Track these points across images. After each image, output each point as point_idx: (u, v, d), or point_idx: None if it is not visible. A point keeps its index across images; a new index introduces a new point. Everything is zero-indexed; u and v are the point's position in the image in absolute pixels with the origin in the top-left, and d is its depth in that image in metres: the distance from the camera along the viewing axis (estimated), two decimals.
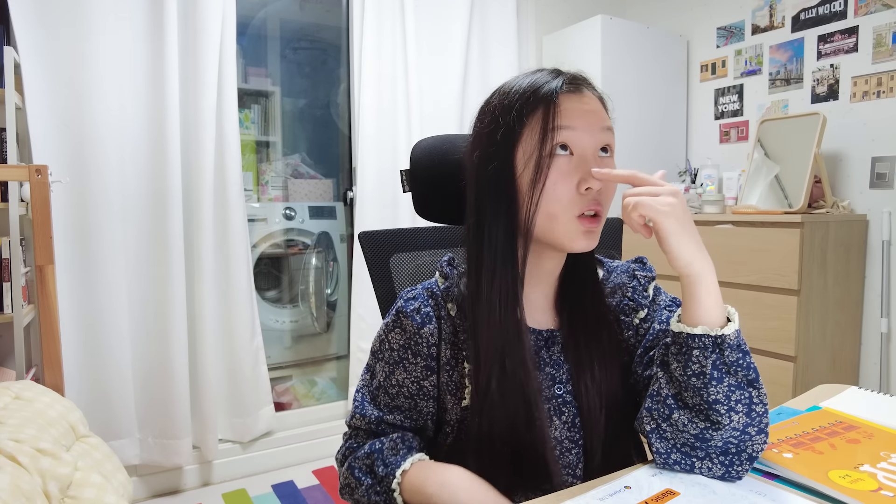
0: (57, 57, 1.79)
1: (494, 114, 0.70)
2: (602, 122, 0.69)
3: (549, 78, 0.69)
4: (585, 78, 0.73)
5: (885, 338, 2.10)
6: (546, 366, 0.74)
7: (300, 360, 3.08)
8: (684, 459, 0.65)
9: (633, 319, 0.77)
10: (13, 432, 1.11)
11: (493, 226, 0.69)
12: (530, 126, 0.67)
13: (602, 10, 2.82)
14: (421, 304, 0.74)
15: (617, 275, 0.81)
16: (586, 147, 0.67)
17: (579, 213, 0.67)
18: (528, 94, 0.68)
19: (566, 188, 0.66)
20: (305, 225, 3.04)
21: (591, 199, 0.67)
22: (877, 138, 2.11)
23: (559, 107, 0.66)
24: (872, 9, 2.09)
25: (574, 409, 0.73)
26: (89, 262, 1.87)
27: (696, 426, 0.63)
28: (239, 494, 2.08)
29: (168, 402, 2.00)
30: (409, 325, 0.73)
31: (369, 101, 2.34)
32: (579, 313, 0.75)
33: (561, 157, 0.66)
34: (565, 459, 0.72)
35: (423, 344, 0.73)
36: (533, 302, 0.75)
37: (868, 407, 0.82)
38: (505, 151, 0.68)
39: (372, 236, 0.98)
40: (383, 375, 0.75)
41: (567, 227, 0.67)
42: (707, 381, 0.61)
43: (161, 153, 1.94)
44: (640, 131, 2.61)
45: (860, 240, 2.13)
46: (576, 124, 0.67)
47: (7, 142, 1.70)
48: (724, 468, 0.63)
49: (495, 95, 0.72)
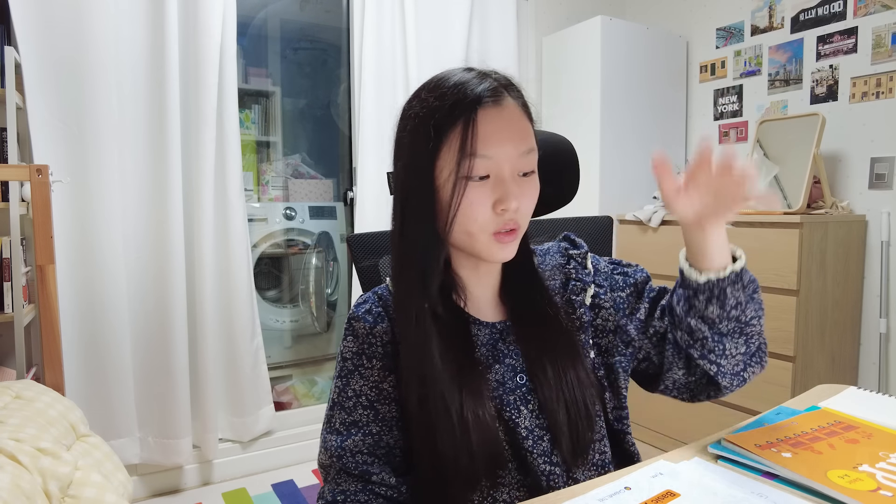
0: (57, 57, 1.79)
1: (415, 121, 0.69)
2: (521, 146, 0.68)
3: (472, 85, 0.67)
4: (510, 82, 0.72)
5: (884, 338, 2.11)
6: (505, 357, 0.75)
7: (300, 359, 3.08)
8: (741, 375, 0.76)
9: (584, 298, 0.80)
10: (13, 431, 1.12)
11: (412, 233, 0.70)
12: (448, 142, 0.66)
13: (601, 10, 2.82)
14: (371, 306, 0.74)
15: (550, 256, 0.83)
16: (503, 170, 0.67)
17: (495, 231, 0.68)
18: (447, 106, 0.66)
19: (482, 209, 0.67)
20: (305, 225, 3.04)
21: (508, 218, 0.68)
22: (876, 139, 2.11)
23: (477, 128, 0.65)
24: (872, 9, 2.10)
25: (536, 396, 0.74)
26: (89, 263, 1.87)
27: (739, 346, 0.73)
28: (239, 494, 2.09)
29: (168, 402, 2.00)
30: (361, 327, 0.73)
31: (369, 101, 2.34)
32: (523, 303, 0.77)
33: (477, 181, 0.67)
34: (539, 447, 0.72)
35: (378, 343, 0.72)
36: (479, 298, 0.77)
37: (867, 407, 0.82)
38: (425, 162, 0.68)
39: (361, 239, 0.97)
40: (337, 392, 0.73)
41: (484, 243, 0.69)
42: (744, 308, 0.71)
43: (161, 153, 1.94)
44: (639, 132, 2.61)
45: (859, 240, 2.13)
46: (492, 153, 0.66)
47: (7, 142, 1.71)
48: (760, 365, 0.76)
49: (415, 101, 0.71)
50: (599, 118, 2.47)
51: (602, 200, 2.51)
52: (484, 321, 0.76)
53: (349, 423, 0.72)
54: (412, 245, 0.71)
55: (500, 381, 0.73)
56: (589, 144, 2.50)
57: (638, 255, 2.40)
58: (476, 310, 0.76)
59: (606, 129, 2.50)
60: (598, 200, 2.50)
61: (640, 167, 2.63)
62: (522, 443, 0.71)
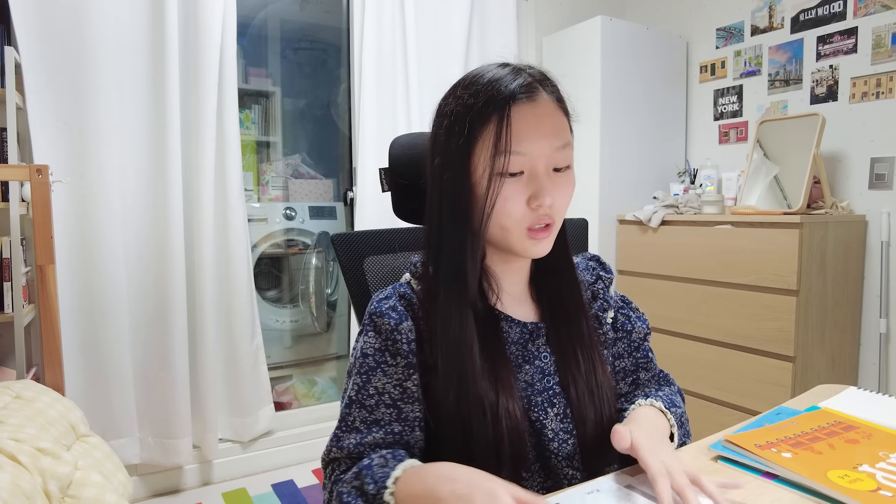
0: (57, 57, 1.79)
1: (451, 118, 0.69)
2: (555, 141, 0.68)
3: (506, 81, 0.68)
4: (545, 77, 0.72)
5: (884, 338, 2.11)
6: (534, 359, 0.75)
7: (300, 359, 3.08)
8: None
9: (606, 317, 0.83)
10: (13, 432, 1.12)
11: (450, 230, 0.70)
12: (484, 137, 0.67)
13: (602, 10, 2.83)
14: (395, 303, 0.72)
15: (580, 271, 0.84)
16: (537, 166, 0.67)
17: (529, 227, 0.68)
18: (481, 103, 0.67)
19: (516, 204, 0.67)
20: (305, 225, 3.04)
21: (543, 213, 0.68)
22: (876, 139, 2.11)
23: (511, 123, 0.66)
24: (872, 10, 2.10)
25: (564, 399, 0.74)
26: (89, 263, 1.87)
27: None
28: (239, 494, 2.09)
29: (168, 402, 2.00)
30: (385, 323, 0.70)
31: (369, 101, 2.34)
32: (557, 304, 0.77)
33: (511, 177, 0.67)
34: (564, 451, 0.72)
35: (403, 341, 0.70)
36: (511, 296, 0.76)
37: (867, 407, 0.82)
38: (461, 158, 0.68)
39: (346, 238, 0.96)
40: (356, 389, 0.70)
41: (518, 238, 0.69)
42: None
43: (161, 153, 1.94)
44: (639, 132, 2.61)
45: (859, 240, 2.13)
46: (525, 149, 0.66)
47: (7, 142, 1.71)
48: None
49: (451, 98, 0.71)
50: (599, 118, 2.47)
51: (602, 200, 2.51)
52: (515, 319, 0.75)
53: (370, 422, 0.69)
54: (452, 242, 0.70)
55: (528, 382, 0.73)
56: (589, 144, 2.50)
57: (638, 255, 2.40)
58: (506, 306, 0.76)
59: (606, 129, 2.50)
60: (598, 200, 2.50)
61: (640, 167, 2.63)
62: (548, 444, 0.72)
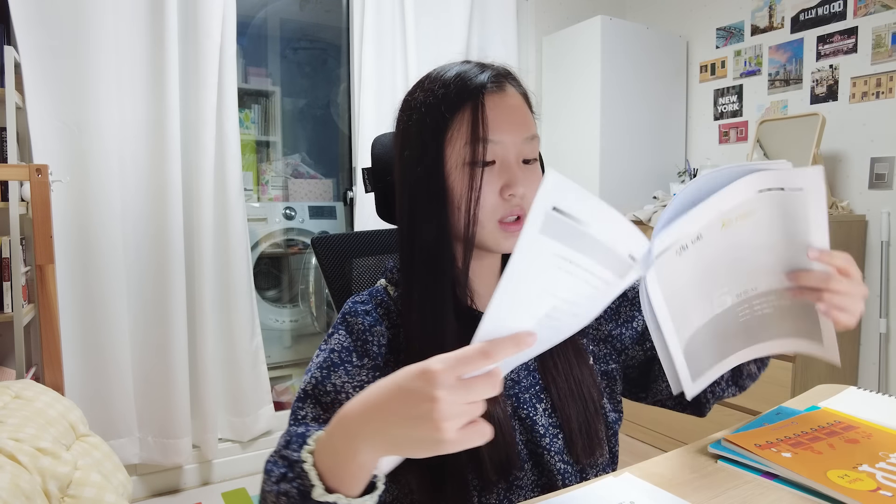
0: (57, 57, 1.79)
1: (420, 110, 0.68)
2: (525, 132, 0.68)
3: (474, 73, 0.68)
4: (510, 72, 0.72)
5: (884, 338, 2.10)
6: None
7: (300, 359, 3.08)
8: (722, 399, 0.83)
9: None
10: (13, 431, 1.12)
11: (424, 227, 0.68)
12: (457, 126, 0.66)
13: (602, 10, 2.82)
14: (370, 307, 0.71)
15: None
16: (509, 156, 0.67)
17: (500, 219, 0.67)
18: (453, 93, 0.66)
19: (489, 194, 0.66)
20: (305, 225, 3.04)
21: (514, 204, 0.67)
22: (876, 139, 2.11)
23: (485, 111, 0.65)
24: (872, 9, 2.10)
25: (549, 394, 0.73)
26: (89, 262, 1.87)
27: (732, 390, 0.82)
28: (239, 494, 2.09)
29: (168, 402, 2.00)
30: (358, 324, 0.68)
31: (369, 101, 2.34)
32: None
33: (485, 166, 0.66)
34: (555, 446, 0.72)
35: (374, 342, 0.68)
36: (483, 294, 0.75)
37: (867, 407, 0.82)
38: (434, 151, 0.67)
39: (326, 241, 0.94)
40: (312, 384, 0.65)
41: (490, 232, 0.67)
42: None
43: (161, 153, 1.94)
44: (639, 132, 2.61)
45: (859, 240, 2.13)
46: (499, 137, 0.66)
47: (7, 141, 1.71)
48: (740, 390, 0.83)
49: (418, 90, 0.70)
50: (599, 118, 2.47)
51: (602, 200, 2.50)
52: None
53: (323, 420, 0.64)
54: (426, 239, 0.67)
55: (514, 380, 0.73)
56: (589, 144, 2.50)
57: None
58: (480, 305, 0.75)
59: (606, 129, 2.49)
60: None
61: (640, 167, 2.62)
62: (540, 441, 0.71)
